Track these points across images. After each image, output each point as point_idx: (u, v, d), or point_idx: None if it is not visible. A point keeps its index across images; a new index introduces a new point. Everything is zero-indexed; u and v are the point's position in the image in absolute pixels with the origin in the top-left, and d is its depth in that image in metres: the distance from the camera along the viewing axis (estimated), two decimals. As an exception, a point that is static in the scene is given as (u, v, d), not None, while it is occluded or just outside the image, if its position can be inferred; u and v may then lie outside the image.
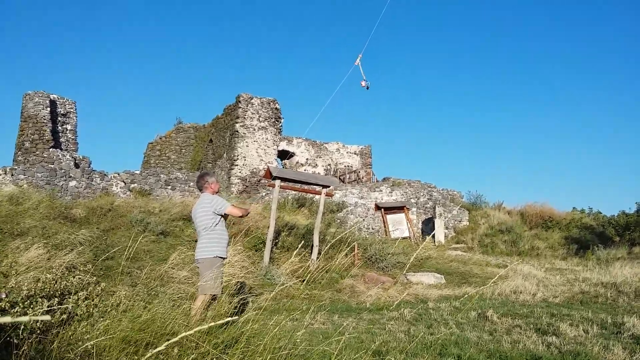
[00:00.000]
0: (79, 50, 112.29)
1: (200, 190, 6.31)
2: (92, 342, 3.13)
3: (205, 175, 6.37)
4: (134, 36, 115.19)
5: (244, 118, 26.60)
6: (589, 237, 23.85)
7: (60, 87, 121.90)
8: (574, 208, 30.04)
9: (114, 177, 20.00)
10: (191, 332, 2.50)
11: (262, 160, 26.64)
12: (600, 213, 28.84)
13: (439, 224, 24.82)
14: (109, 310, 3.99)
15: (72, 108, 25.64)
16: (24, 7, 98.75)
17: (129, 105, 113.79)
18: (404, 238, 22.81)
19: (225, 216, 6.09)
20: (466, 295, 9.90)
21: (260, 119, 27.06)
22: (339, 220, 22.95)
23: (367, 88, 13.91)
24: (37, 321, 3.44)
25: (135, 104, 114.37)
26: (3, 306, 3.38)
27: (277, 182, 12.74)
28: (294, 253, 9.09)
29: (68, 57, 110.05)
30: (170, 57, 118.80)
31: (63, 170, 18.55)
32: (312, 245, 12.95)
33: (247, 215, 6.33)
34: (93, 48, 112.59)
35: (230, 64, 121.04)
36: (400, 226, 24.44)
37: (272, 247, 12.21)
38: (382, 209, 24.82)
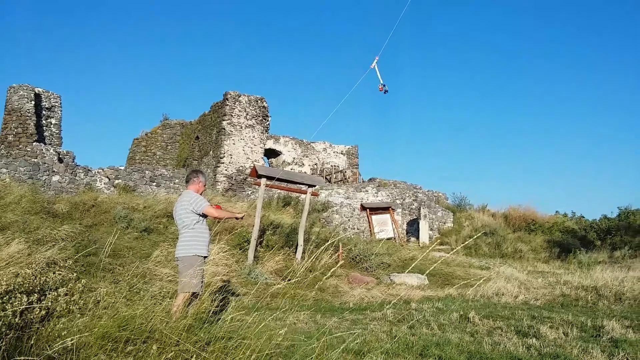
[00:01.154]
0: (66, 44, 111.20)
1: (187, 182, 6.30)
2: (71, 339, 3.10)
3: (199, 172, 6.39)
4: (121, 31, 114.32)
5: (231, 115, 26.51)
6: (571, 241, 24.13)
7: (46, 80, 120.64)
8: (557, 212, 30.41)
9: (98, 172, 19.82)
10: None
11: (248, 158, 26.57)
12: (583, 217, 29.20)
13: (423, 225, 24.94)
14: (89, 307, 3.96)
15: (56, 102, 25.37)
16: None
17: (115, 100, 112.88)
18: (388, 239, 22.89)
19: (205, 215, 6.08)
20: (449, 297, 9.96)
21: (248, 116, 26.99)
22: (324, 220, 22.96)
23: (385, 92, 13.61)
24: (16, 317, 3.40)
25: (121, 99, 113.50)
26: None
27: (263, 181, 12.72)
28: (278, 252, 9.11)
29: (54, 50, 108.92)
30: (157, 52, 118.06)
31: (46, 165, 18.36)
32: (297, 244, 12.94)
33: (223, 218, 6.28)
34: (80, 42, 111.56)
35: (218, 60, 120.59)
36: (385, 227, 24.51)
37: (256, 246, 12.18)
38: (368, 210, 24.88)
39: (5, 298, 3.52)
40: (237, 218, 6.38)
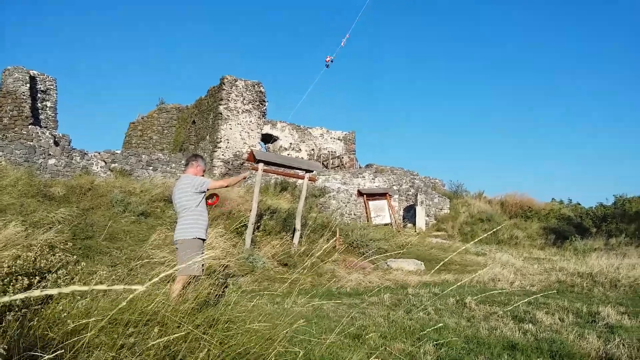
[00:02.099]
0: (61, 26, 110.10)
1: (186, 166, 6.29)
2: (73, 322, 3.10)
3: (198, 157, 6.38)
4: (118, 14, 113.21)
5: (228, 100, 26.38)
6: (567, 228, 24.25)
7: (41, 63, 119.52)
8: (553, 199, 30.54)
9: (94, 156, 19.73)
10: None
11: (245, 143, 26.50)
12: (579, 204, 29.30)
13: (420, 211, 25.00)
14: (90, 289, 3.94)
15: (52, 85, 25.19)
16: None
17: (111, 84, 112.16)
18: (385, 224, 22.96)
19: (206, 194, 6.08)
20: (445, 282, 10.00)
21: (245, 101, 26.87)
22: (320, 206, 22.98)
23: (327, 66, 13.80)
24: (16, 298, 3.40)
25: (118, 83, 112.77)
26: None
27: (260, 166, 12.68)
28: (276, 237, 9.12)
29: (49, 33, 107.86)
30: (154, 36, 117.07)
31: (42, 148, 18.26)
32: (294, 229, 12.95)
33: (234, 184, 6.39)
34: (76, 25, 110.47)
35: (215, 45, 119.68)
36: (382, 213, 24.56)
37: (254, 231, 12.19)
38: (365, 195, 24.90)
39: (6, 280, 3.52)
40: (244, 178, 6.50)
